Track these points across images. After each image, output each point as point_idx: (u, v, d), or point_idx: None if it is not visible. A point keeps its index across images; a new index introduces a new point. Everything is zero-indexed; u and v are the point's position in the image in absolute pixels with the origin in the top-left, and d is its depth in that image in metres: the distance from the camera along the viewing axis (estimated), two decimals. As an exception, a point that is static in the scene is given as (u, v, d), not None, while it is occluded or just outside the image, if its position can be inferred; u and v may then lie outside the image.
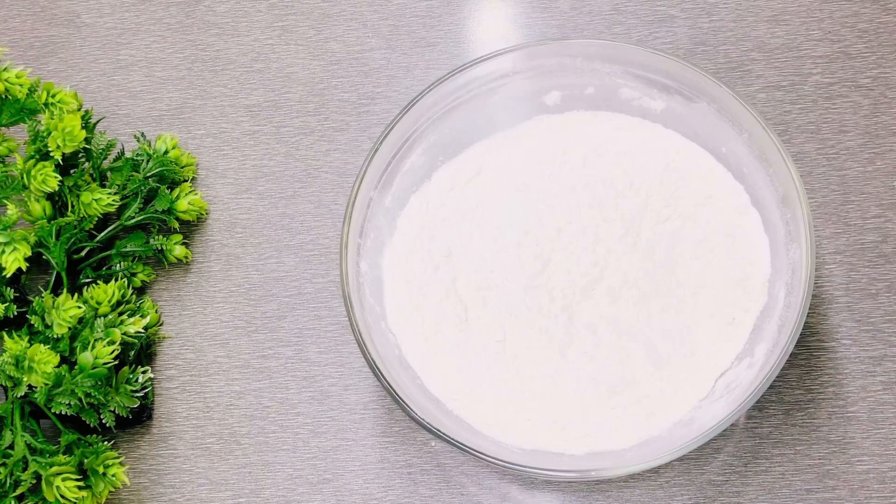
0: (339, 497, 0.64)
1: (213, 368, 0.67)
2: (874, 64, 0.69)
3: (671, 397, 0.60)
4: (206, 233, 0.70)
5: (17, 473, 0.60)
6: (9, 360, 0.60)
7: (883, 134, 0.67)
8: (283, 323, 0.68)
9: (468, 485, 0.63)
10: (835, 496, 0.61)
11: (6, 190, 0.64)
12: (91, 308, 0.64)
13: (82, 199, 0.66)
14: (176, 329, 0.68)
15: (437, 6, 0.74)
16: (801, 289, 0.58)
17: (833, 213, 0.66)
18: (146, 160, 0.68)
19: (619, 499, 0.62)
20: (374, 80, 0.72)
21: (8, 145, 0.66)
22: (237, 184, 0.71)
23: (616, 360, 0.61)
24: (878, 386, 0.63)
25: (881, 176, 0.67)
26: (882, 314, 0.64)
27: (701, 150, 0.64)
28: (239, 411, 0.66)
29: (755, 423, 0.63)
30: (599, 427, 0.60)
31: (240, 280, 0.69)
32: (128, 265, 0.68)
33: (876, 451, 0.62)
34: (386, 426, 0.65)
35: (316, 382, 0.67)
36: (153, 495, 0.65)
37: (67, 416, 0.63)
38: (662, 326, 0.61)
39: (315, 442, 0.65)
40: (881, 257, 0.65)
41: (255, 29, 0.74)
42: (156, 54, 0.74)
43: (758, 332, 0.60)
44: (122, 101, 0.74)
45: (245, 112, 0.73)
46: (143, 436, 0.66)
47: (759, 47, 0.70)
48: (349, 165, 0.71)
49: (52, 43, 0.75)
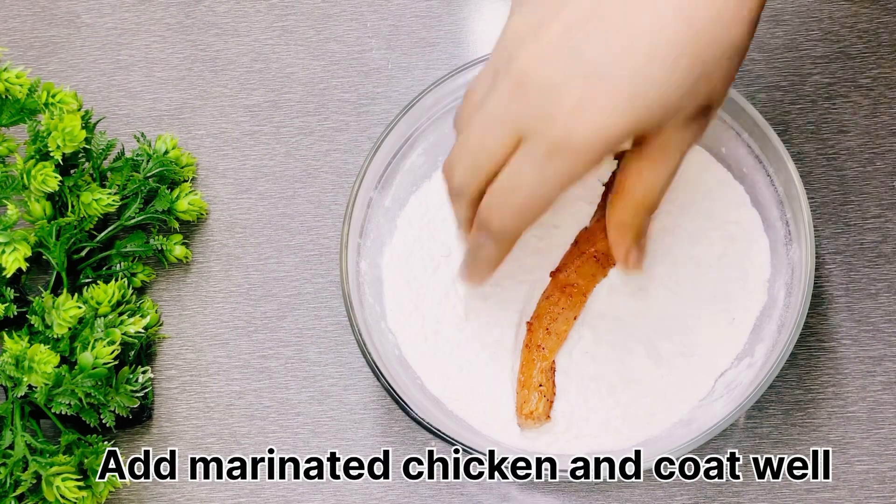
0: (339, 497, 0.64)
1: (213, 368, 0.67)
2: (874, 64, 0.69)
3: (671, 397, 0.60)
4: (206, 233, 0.70)
5: (17, 473, 0.60)
6: (9, 360, 0.60)
7: (883, 134, 0.67)
8: (283, 323, 0.68)
9: (468, 485, 0.63)
10: (835, 496, 0.61)
11: (6, 190, 0.64)
12: (91, 308, 0.64)
13: (82, 199, 0.66)
14: (176, 329, 0.69)
15: (437, 6, 0.74)
16: (800, 289, 0.58)
17: (833, 213, 0.66)
18: (146, 160, 0.68)
19: (619, 499, 0.62)
20: (374, 80, 0.72)
21: (8, 145, 0.66)
22: (237, 184, 0.71)
23: (616, 360, 0.61)
24: (878, 386, 0.63)
25: (881, 176, 0.67)
26: (882, 314, 0.64)
27: (701, 150, 0.64)
28: (239, 411, 0.66)
29: (755, 423, 0.63)
30: (599, 427, 0.60)
31: (240, 280, 0.69)
32: (128, 265, 0.68)
33: (876, 451, 0.62)
34: (386, 426, 0.65)
35: (316, 382, 0.67)
36: (153, 495, 0.65)
37: (67, 416, 0.63)
38: (662, 326, 0.61)
39: (315, 442, 0.65)
40: (881, 257, 0.65)
41: (255, 29, 0.74)
42: (156, 54, 0.74)
43: (757, 332, 0.60)
44: (122, 101, 0.74)
45: (245, 112, 0.73)
46: (143, 436, 0.66)
47: (759, 47, 0.70)
48: (349, 165, 0.71)
49: (52, 43, 0.75)
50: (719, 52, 0.47)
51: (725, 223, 0.63)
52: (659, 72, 0.47)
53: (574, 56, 0.47)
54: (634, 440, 0.59)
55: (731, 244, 0.62)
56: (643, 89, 0.47)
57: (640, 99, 0.47)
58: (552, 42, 0.48)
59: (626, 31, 0.47)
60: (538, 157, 0.49)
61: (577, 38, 0.48)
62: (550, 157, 0.49)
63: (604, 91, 0.47)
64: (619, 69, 0.47)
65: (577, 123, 0.47)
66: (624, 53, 0.47)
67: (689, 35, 0.47)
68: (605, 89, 0.47)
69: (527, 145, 0.49)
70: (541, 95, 0.48)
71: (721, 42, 0.47)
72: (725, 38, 0.47)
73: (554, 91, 0.48)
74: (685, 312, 0.61)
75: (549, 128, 0.48)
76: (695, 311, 0.61)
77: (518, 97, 0.49)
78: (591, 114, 0.47)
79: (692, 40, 0.47)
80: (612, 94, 0.47)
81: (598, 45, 0.47)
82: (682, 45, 0.47)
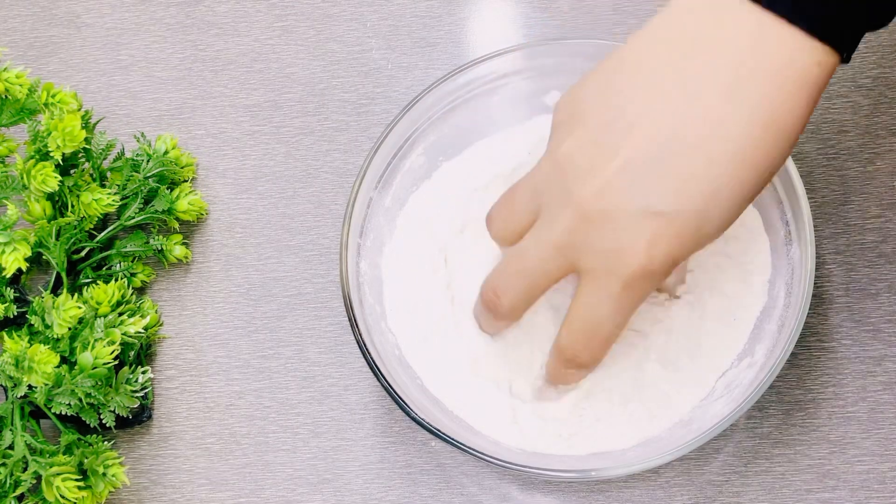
0: (339, 497, 0.64)
1: (213, 368, 0.67)
2: (874, 64, 0.69)
3: (671, 397, 0.60)
4: (206, 233, 0.70)
5: (17, 473, 0.60)
6: (9, 360, 0.60)
7: (883, 134, 0.67)
8: (283, 323, 0.68)
9: (468, 485, 0.63)
10: (835, 496, 0.61)
11: (6, 190, 0.64)
12: (91, 308, 0.64)
13: (82, 199, 0.66)
14: (176, 329, 0.68)
15: (437, 6, 0.74)
16: (801, 289, 0.58)
17: (833, 213, 0.66)
18: (146, 160, 0.68)
19: (619, 499, 0.62)
20: (374, 80, 0.72)
21: (8, 145, 0.66)
22: (237, 184, 0.71)
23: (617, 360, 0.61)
24: (878, 386, 0.63)
25: (881, 176, 0.67)
26: (882, 314, 0.64)
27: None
28: (239, 411, 0.66)
29: (755, 423, 0.63)
30: (600, 427, 0.60)
31: (240, 280, 0.69)
32: (128, 265, 0.68)
33: (876, 451, 0.62)
34: (386, 426, 0.65)
35: (316, 382, 0.67)
36: (153, 495, 0.65)
37: (67, 416, 0.63)
38: (664, 327, 0.61)
39: (315, 442, 0.65)
40: (881, 257, 0.65)
41: (255, 29, 0.74)
42: (156, 54, 0.74)
43: (758, 331, 0.60)
44: (122, 101, 0.74)
45: (245, 112, 0.73)
46: (143, 436, 0.66)
47: (759, 47, 0.70)
48: (349, 165, 0.71)
49: (52, 43, 0.75)
50: (761, 185, 0.51)
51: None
52: (715, 212, 0.50)
53: (638, 193, 0.50)
54: (635, 440, 0.59)
55: (732, 244, 0.62)
56: (705, 226, 0.50)
57: (702, 232, 0.51)
58: (615, 177, 0.50)
59: (684, 174, 0.49)
60: (614, 292, 0.52)
61: (639, 176, 0.50)
62: (627, 289, 0.51)
63: (673, 229, 0.50)
64: (684, 208, 0.49)
65: (651, 256, 0.50)
66: (685, 195, 0.49)
67: (747, 177, 0.50)
68: (674, 228, 0.50)
69: (598, 281, 0.52)
70: (609, 230, 0.50)
71: (765, 180, 0.51)
72: (768, 176, 0.51)
73: (622, 227, 0.50)
74: (686, 313, 0.61)
75: (623, 262, 0.51)
76: (696, 311, 0.61)
77: (583, 230, 0.51)
78: (664, 246, 0.50)
79: (749, 183, 0.50)
80: (681, 232, 0.50)
81: (660, 186, 0.49)
82: (739, 191, 0.50)
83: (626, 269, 0.51)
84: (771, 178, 0.51)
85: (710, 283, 0.62)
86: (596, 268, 0.52)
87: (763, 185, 0.50)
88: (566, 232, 0.52)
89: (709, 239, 0.51)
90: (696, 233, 0.50)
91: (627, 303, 0.52)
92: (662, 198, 0.49)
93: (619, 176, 0.50)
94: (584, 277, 0.52)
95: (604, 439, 0.59)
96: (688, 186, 0.49)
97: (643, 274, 0.51)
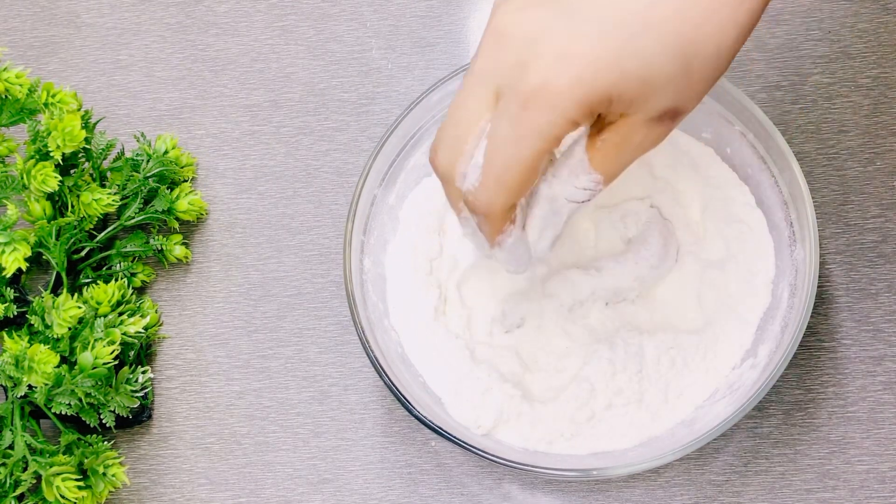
0: (339, 497, 0.64)
1: (213, 368, 0.67)
2: (874, 64, 0.69)
3: (674, 398, 0.60)
4: (206, 233, 0.70)
5: (17, 473, 0.60)
6: (9, 360, 0.60)
7: (883, 134, 0.67)
8: (283, 323, 0.68)
9: (469, 485, 0.63)
10: (835, 496, 0.61)
11: (6, 190, 0.64)
12: (91, 308, 0.64)
13: (82, 199, 0.65)
14: (176, 329, 0.68)
15: (437, 6, 0.74)
16: (804, 290, 0.58)
17: (833, 213, 0.66)
18: (146, 160, 0.68)
19: (620, 499, 0.62)
20: (374, 80, 0.72)
21: (8, 145, 0.66)
22: (237, 184, 0.71)
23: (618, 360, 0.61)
24: (878, 386, 0.63)
25: (881, 176, 0.67)
26: (882, 314, 0.64)
27: (706, 150, 0.64)
28: (239, 411, 0.66)
29: (755, 423, 0.63)
30: (601, 427, 0.60)
31: (240, 280, 0.69)
32: (128, 265, 0.68)
33: (876, 451, 0.62)
34: (386, 426, 0.65)
35: (316, 382, 0.66)
36: (153, 495, 0.65)
37: (67, 416, 0.63)
38: (670, 327, 0.61)
39: (315, 442, 0.65)
40: (881, 257, 0.65)
41: (255, 29, 0.74)
42: (156, 54, 0.74)
43: (761, 332, 0.60)
44: (122, 101, 0.74)
45: (245, 112, 0.73)
46: (143, 436, 0.66)
47: (758, 47, 0.70)
48: (349, 165, 0.71)
49: (52, 43, 0.75)
50: (706, 51, 0.46)
51: (731, 223, 0.63)
52: (646, 46, 0.45)
53: (560, 8, 0.45)
54: (636, 440, 0.59)
55: (737, 244, 0.62)
56: (628, 56, 0.45)
57: (625, 62, 0.45)
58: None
59: (622, 3, 0.45)
60: (513, 113, 0.45)
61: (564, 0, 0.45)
62: (526, 108, 0.45)
63: (589, 45, 0.44)
64: (606, 30, 0.44)
65: (556, 71, 0.44)
66: (614, 20, 0.45)
67: (682, 23, 0.45)
68: (591, 44, 0.44)
69: (502, 101, 0.46)
70: (519, 46, 0.45)
71: (710, 41, 0.46)
72: (715, 37, 0.46)
73: (533, 41, 0.45)
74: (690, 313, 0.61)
75: (525, 76, 0.45)
76: (700, 312, 0.61)
77: (495, 51, 0.46)
78: (572, 65, 0.44)
79: (683, 30, 0.46)
80: (597, 49, 0.44)
81: (589, 6, 0.45)
82: (673, 31, 0.45)
83: (526, 85, 0.45)
84: (721, 56, 0.46)
85: (713, 283, 0.62)
86: (504, 90, 0.46)
87: (708, 52, 0.46)
88: (482, 57, 0.47)
89: (631, 83, 0.45)
90: (617, 60, 0.44)
91: (526, 128, 0.45)
92: (587, 14, 0.45)
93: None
94: (497, 105, 0.47)
95: (605, 439, 0.59)
96: (619, 14, 0.45)
97: (546, 93, 0.44)
